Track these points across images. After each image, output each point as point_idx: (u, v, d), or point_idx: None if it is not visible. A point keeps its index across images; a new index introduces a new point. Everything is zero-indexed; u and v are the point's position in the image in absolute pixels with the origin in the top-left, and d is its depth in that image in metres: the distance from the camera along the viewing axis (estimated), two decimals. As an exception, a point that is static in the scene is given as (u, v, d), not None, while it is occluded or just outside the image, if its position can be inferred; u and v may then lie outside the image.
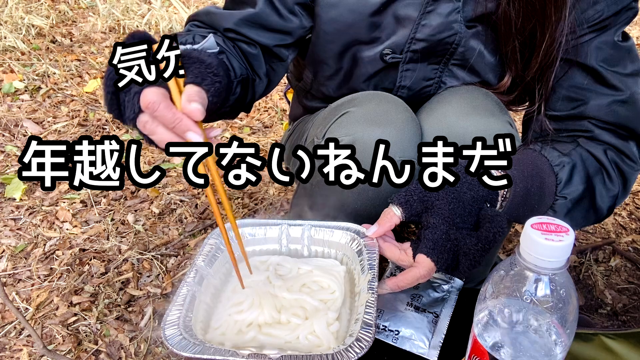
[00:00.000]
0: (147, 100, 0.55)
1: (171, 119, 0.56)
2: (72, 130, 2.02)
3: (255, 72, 0.88)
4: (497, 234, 0.68)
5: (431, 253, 0.68)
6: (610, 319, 1.21)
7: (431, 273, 0.69)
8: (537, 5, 0.77)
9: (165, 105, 0.55)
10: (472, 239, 0.68)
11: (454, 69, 0.89)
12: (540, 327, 0.53)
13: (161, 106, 0.55)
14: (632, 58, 0.81)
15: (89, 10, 3.25)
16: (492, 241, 0.68)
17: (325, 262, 0.78)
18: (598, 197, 0.80)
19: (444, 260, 0.68)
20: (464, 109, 0.82)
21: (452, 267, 0.69)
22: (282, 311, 0.68)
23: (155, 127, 0.58)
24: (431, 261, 0.68)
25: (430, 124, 0.84)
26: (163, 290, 1.28)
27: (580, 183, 0.78)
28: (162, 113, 0.55)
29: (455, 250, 0.68)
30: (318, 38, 0.91)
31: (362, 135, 0.78)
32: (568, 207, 0.77)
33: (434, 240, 0.68)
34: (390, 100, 0.84)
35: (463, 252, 0.68)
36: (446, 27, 0.84)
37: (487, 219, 0.69)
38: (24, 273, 1.33)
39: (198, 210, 1.59)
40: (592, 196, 0.79)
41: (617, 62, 0.81)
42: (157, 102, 0.55)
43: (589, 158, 0.80)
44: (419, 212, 0.72)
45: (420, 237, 0.71)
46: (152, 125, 0.58)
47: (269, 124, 2.11)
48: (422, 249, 0.69)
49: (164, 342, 0.59)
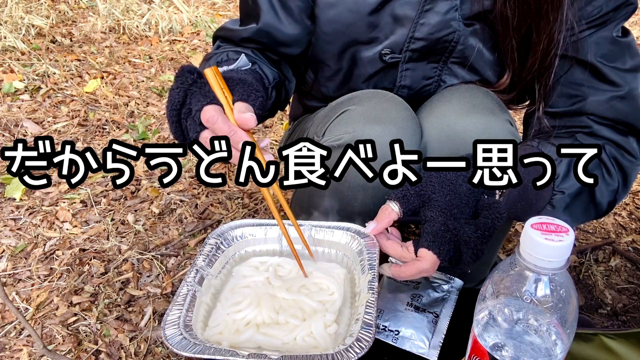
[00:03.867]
0: (207, 115, 0.64)
1: (228, 131, 0.64)
2: (72, 130, 2.02)
3: (285, 75, 0.95)
4: (496, 219, 0.68)
5: (432, 245, 0.68)
6: (610, 319, 1.21)
7: (434, 267, 0.69)
8: (533, 5, 0.77)
9: (223, 119, 0.65)
10: (471, 227, 0.68)
11: (454, 67, 0.89)
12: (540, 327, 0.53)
13: (219, 119, 0.64)
14: (631, 53, 0.81)
15: (89, 10, 3.25)
16: (491, 227, 0.68)
17: (325, 265, 0.78)
18: (597, 192, 0.79)
19: (445, 252, 0.68)
20: (464, 107, 0.82)
21: (455, 258, 0.69)
22: (281, 312, 0.68)
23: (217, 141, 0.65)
24: (433, 254, 0.68)
25: (430, 123, 0.84)
26: (163, 290, 1.28)
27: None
28: (220, 126, 0.64)
29: (455, 240, 0.68)
30: (317, 39, 0.91)
31: (362, 133, 0.78)
32: (566, 201, 0.77)
33: (433, 232, 0.68)
34: (390, 99, 0.84)
35: (464, 242, 0.68)
36: (445, 25, 0.84)
37: (485, 207, 0.70)
38: (24, 273, 1.33)
39: (198, 210, 1.59)
40: (591, 191, 0.79)
41: (616, 58, 0.80)
42: (216, 116, 0.64)
43: None
44: (417, 207, 0.72)
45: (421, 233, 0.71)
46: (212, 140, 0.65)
47: (269, 124, 2.11)
48: (422, 243, 0.69)
49: (164, 342, 0.59)
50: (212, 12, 3.30)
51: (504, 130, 0.81)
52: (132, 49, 2.80)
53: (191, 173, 1.78)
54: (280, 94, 0.93)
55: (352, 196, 0.82)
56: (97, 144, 1.95)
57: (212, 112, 0.64)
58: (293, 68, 0.97)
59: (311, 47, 0.94)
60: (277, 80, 0.90)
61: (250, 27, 0.89)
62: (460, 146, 0.80)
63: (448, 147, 0.81)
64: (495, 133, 0.80)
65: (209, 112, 0.64)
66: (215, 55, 0.87)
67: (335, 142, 0.81)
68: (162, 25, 3.01)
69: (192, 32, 3.05)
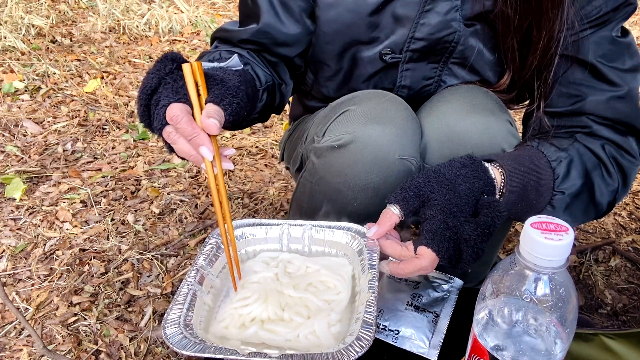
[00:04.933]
0: (172, 114, 0.63)
1: (190, 133, 0.63)
2: (72, 130, 2.02)
3: (281, 78, 0.94)
4: (496, 218, 0.68)
5: (431, 243, 0.67)
6: (610, 319, 1.21)
7: (433, 265, 0.68)
8: (534, 2, 0.77)
9: (187, 119, 0.63)
10: (470, 225, 0.68)
11: (454, 67, 0.90)
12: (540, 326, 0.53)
13: (183, 120, 0.62)
14: (631, 53, 0.81)
15: (89, 10, 3.25)
16: (491, 226, 0.68)
17: (333, 261, 0.78)
18: (597, 192, 0.80)
19: (445, 249, 0.67)
20: (464, 107, 0.82)
21: (454, 257, 0.69)
22: (286, 309, 0.68)
23: (177, 138, 0.64)
24: (432, 251, 0.67)
25: (430, 123, 0.84)
26: (163, 290, 1.28)
27: (578, 178, 0.78)
28: (183, 126, 0.62)
29: (455, 238, 0.68)
30: (317, 39, 0.91)
31: (362, 133, 0.78)
32: (566, 202, 0.77)
33: (432, 230, 0.68)
34: (390, 99, 0.84)
35: (464, 240, 0.68)
36: (445, 25, 0.84)
37: (485, 206, 0.69)
38: (24, 273, 1.33)
39: (198, 210, 1.59)
40: (590, 191, 0.79)
41: (615, 58, 0.80)
42: (180, 116, 0.62)
43: (587, 153, 0.80)
44: (417, 207, 0.72)
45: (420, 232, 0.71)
46: (174, 136, 0.65)
47: (269, 124, 2.12)
48: (422, 241, 0.69)
49: (165, 341, 0.59)
50: (212, 12, 3.30)
51: (503, 130, 0.81)
52: (132, 49, 2.80)
53: (191, 173, 1.78)
54: (274, 98, 0.92)
55: (352, 197, 0.82)
56: (97, 144, 1.95)
57: (177, 112, 0.62)
58: (291, 70, 0.96)
59: (311, 48, 0.94)
60: (271, 83, 0.89)
61: (250, 28, 0.89)
62: (460, 146, 0.80)
63: (448, 148, 0.81)
64: (495, 133, 0.80)
65: (174, 111, 0.63)
66: (208, 53, 0.86)
67: (335, 142, 0.81)
68: (162, 25, 3.01)
69: (192, 32, 3.06)
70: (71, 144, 1.93)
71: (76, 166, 1.81)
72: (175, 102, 0.63)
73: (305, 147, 0.96)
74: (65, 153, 1.88)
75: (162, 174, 1.77)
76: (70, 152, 1.89)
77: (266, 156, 1.91)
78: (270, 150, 1.95)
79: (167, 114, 0.63)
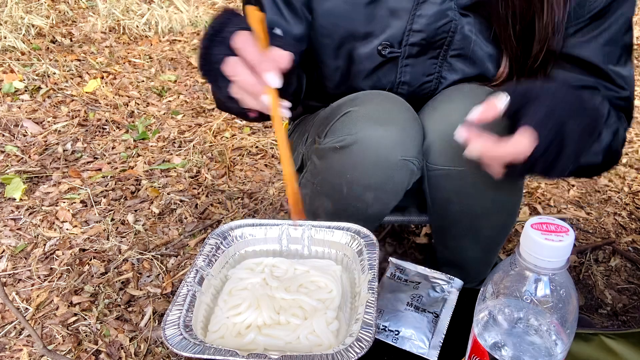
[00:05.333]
0: (240, 39, 0.61)
1: (257, 59, 0.60)
2: (72, 130, 2.02)
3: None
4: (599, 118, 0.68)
5: (534, 123, 0.61)
6: (610, 319, 1.21)
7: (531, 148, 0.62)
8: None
9: (255, 47, 0.61)
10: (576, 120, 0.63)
11: (453, 61, 0.89)
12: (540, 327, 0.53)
13: (251, 45, 0.61)
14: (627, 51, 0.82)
15: (89, 10, 3.25)
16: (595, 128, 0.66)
17: (321, 263, 0.78)
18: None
19: (547, 132, 0.61)
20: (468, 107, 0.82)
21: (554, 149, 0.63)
22: (281, 312, 0.68)
23: (241, 69, 0.61)
24: (535, 130, 0.61)
25: (433, 123, 0.84)
26: (163, 290, 1.28)
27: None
28: (250, 50, 0.60)
29: (558, 129, 0.62)
30: (315, 33, 0.91)
31: (364, 134, 0.78)
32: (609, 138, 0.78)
33: (536, 112, 0.62)
34: (392, 100, 0.83)
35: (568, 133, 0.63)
36: (441, 15, 0.83)
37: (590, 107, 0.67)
38: (24, 273, 1.33)
39: (198, 210, 1.59)
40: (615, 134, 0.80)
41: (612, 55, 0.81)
42: (248, 41, 0.61)
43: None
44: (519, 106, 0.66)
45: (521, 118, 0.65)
46: (239, 68, 0.62)
47: (269, 124, 2.11)
48: (525, 122, 0.62)
49: (164, 342, 0.59)
50: (212, 12, 3.30)
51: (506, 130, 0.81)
52: (132, 49, 2.80)
53: (191, 173, 1.78)
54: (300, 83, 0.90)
55: (354, 198, 0.82)
56: (97, 144, 1.95)
57: (245, 37, 0.61)
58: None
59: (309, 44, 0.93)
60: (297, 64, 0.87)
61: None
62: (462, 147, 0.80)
63: (452, 147, 0.81)
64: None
65: (241, 37, 0.61)
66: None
67: (337, 143, 0.81)
68: (162, 25, 3.01)
69: (192, 32, 3.06)
70: (71, 144, 1.93)
71: (76, 166, 1.81)
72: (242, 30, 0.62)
73: (307, 148, 0.96)
74: (65, 153, 1.88)
75: (162, 174, 1.77)
76: (70, 152, 1.89)
77: (266, 156, 1.91)
78: (270, 150, 1.95)
79: (234, 40, 0.61)
